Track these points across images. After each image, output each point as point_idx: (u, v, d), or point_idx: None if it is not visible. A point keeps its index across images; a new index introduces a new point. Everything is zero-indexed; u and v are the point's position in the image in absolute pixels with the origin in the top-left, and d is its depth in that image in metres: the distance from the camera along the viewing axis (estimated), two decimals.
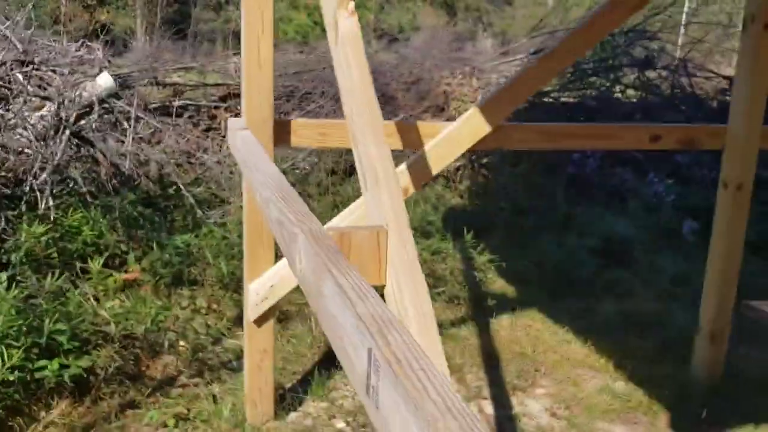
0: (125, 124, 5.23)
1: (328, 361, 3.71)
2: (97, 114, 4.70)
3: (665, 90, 8.68)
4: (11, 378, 2.88)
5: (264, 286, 2.86)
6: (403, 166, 2.87)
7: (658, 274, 5.19)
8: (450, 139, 2.87)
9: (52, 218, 4.06)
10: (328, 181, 5.89)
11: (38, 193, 4.13)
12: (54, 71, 4.99)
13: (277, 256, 3.01)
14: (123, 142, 5.20)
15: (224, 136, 6.50)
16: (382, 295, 1.17)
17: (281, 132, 2.87)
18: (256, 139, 2.57)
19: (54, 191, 4.21)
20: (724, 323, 3.61)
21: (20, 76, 4.40)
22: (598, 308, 4.61)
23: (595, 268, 5.21)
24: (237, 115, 6.57)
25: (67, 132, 4.27)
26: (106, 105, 5.01)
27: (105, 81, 4.97)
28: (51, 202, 4.08)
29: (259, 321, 2.93)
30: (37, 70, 4.71)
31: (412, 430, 0.76)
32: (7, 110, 4.24)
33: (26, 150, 4.20)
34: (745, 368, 3.84)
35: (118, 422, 3.07)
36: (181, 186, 5.06)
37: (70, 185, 4.48)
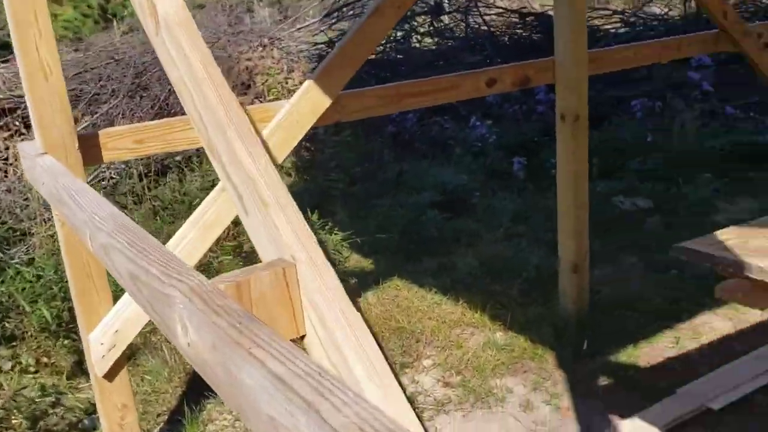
0: None
1: (195, 392, 3.29)
2: None
3: (460, 33, 8.82)
4: None
5: (107, 333, 2.39)
6: None
7: (497, 217, 5.21)
8: (290, 120, 2.53)
9: None
10: (142, 187, 5.30)
11: None
12: None
13: (116, 292, 2.54)
14: None
15: (6, 159, 5.64)
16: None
17: (87, 148, 2.37)
18: (60, 164, 2.08)
19: None
20: (584, 252, 3.64)
21: None
22: (454, 262, 4.54)
23: (438, 222, 5.14)
24: (17, 133, 5.72)
25: None
26: None
27: None
28: None
29: (110, 374, 2.46)
30: None
31: None
32: None
33: None
34: (606, 292, 3.93)
35: None
36: None
37: None
